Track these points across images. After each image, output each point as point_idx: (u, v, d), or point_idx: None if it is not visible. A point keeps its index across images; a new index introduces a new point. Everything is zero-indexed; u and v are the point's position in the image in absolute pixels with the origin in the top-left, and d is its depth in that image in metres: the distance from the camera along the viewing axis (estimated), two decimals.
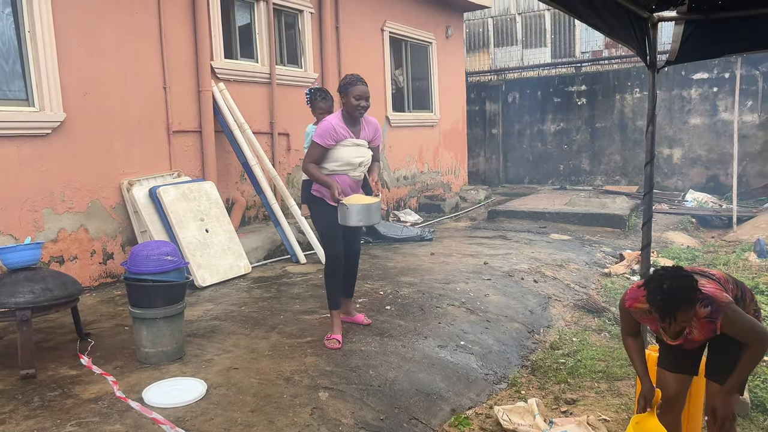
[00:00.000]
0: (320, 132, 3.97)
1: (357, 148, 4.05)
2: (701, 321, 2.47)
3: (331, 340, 4.10)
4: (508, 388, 4.08)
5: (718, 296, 2.48)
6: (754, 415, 3.58)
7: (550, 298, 5.82)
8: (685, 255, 7.57)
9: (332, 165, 4.02)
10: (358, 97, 3.95)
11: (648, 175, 3.51)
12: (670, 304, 2.39)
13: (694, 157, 12.22)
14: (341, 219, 3.87)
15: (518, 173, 14.62)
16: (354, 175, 4.10)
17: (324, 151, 3.99)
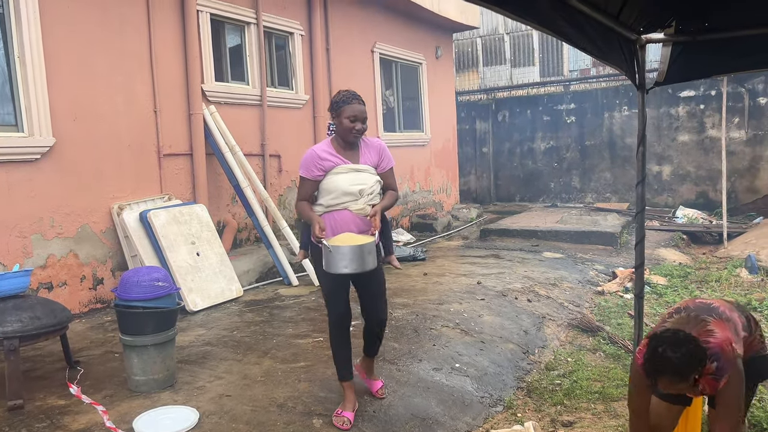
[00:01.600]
0: (304, 163, 3.32)
1: (356, 174, 3.31)
2: (707, 377, 2.36)
3: (340, 417, 3.36)
4: (505, 410, 4.04)
5: (725, 348, 2.36)
6: None
7: (544, 317, 5.80)
8: (677, 272, 7.59)
9: (327, 199, 3.31)
10: (352, 118, 3.26)
11: (640, 195, 3.53)
12: (656, 370, 2.33)
13: (684, 173, 12.31)
14: (325, 264, 3.15)
15: (509, 191, 14.67)
16: (357, 209, 3.30)
17: (312, 184, 3.33)
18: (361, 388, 3.75)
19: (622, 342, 5.09)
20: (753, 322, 2.60)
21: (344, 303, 3.41)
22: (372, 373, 3.77)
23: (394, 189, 3.49)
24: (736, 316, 2.53)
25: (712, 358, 2.34)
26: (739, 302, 2.69)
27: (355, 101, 3.30)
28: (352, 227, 3.28)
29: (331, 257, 3.08)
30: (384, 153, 3.46)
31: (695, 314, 2.52)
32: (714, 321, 2.45)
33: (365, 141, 3.45)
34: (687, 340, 2.31)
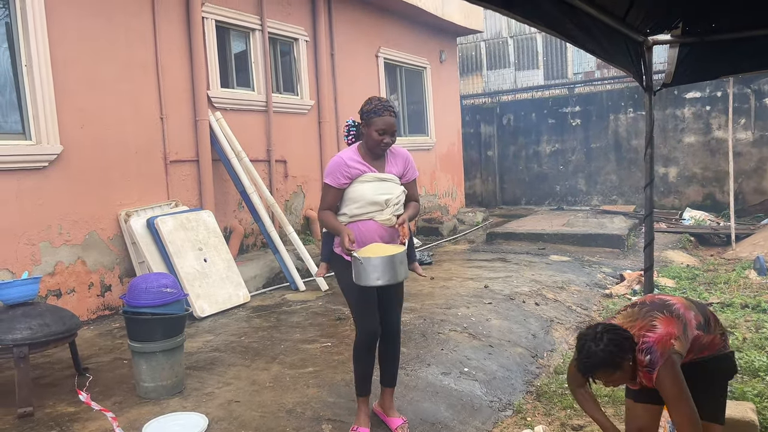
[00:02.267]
0: (330, 170, 3.19)
1: (381, 184, 3.20)
2: (643, 370, 2.42)
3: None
4: (514, 415, 4.02)
5: (662, 342, 2.40)
6: None
7: (552, 321, 5.77)
8: (685, 274, 7.55)
9: (352, 208, 3.19)
10: (381, 131, 3.12)
11: (648, 197, 3.51)
12: (587, 367, 2.41)
13: (690, 175, 12.26)
14: (356, 277, 3.01)
15: (515, 195, 14.65)
16: (382, 219, 3.19)
17: (337, 193, 3.20)
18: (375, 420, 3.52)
19: None
20: (713, 321, 2.60)
21: (376, 319, 3.25)
22: (392, 410, 3.50)
23: (416, 200, 3.41)
24: (692, 315, 2.53)
25: (645, 351, 2.39)
26: (701, 302, 2.68)
27: (386, 113, 3.14)
28: (377, 238, 3.17)
29: (362, 269, 2.95)
30: (410, 163, 3.37)
31: (647, 309, 2.55)
32: (661, 317, 2.48)
33: (391, 150, 3.33)
34: (607, 331, 2.41)
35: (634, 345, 2.41)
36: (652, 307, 2.56)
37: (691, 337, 2.47)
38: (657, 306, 2.56)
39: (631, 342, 2.41)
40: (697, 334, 2.50)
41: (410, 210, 3.31)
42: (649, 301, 2.61)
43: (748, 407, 3.65)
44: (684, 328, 2.46)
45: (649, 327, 2.45)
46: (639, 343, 2.42)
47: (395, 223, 3.19)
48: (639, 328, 2.47)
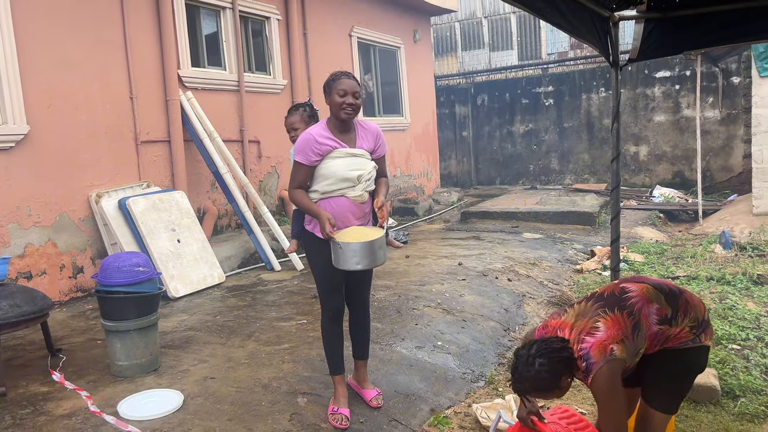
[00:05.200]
0: (299, 147, 3.10)
1: (353, 159, 3.14)
2: (581, 375, 2.36)
3: (336, 414, 3.23)
4: (486, 385, 4.11)
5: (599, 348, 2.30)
6: (725, 402, 3.67)
7: (525, 295, 5.88)
8: (654, 249, 7.73)
9: (323, 185, 3.13)
10: (342, 92, 3.06)
11: (615, 171, 3.59)
12: (519, 389, 2.42)
13: (660, 153, 12.49)
14: (335, 260, 3.01)
15: (489, 175, 14.77)
16: (354, 196, 3.15)
17: (308, 171, 3.12)
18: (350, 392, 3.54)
19: None
20: (683, 312, 2.50)
21: (341, 296, 3.30)
22: (366, 381, 3.55)
23: (385, 176, 3.37)
24: (653, 308, 2.45)
25: (583, 357, 2.31)
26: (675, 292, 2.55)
27: (344, 77, 3.12)
28: (349, 215, 3.15)
29: (342, 254, 2.94)
30: (380, 139, 3.30)
31: (597, 307, 2.45)
32: (608, 318, 2.37)
33: (362, 125, 3.26)
34: (540, 355, 2.33)
35: (572, 361, 2.33)
36: (604, 304, 2.44)
37: (645, 334, 2.39)
38: (610, 302, 2.45)
39: (567, 360, 2.32)
40: (656, 330, 2.43)
41: (384, 188, 3.29)
42: (607, 295, 2.50)
43: (711, 373, 3.80)
44: (634, 328, 2.37)
45: (591, 330, 2.35)
46: (576, 348, 2.34)
47: (374, 203, 3.17)
48: (580, 332, 2.37)
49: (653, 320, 2.42)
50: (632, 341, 2.34)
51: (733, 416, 3.53)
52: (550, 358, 2.31)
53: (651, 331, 2.41)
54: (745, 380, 3.81)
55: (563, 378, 2.34)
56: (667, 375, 2.54)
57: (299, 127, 4.06)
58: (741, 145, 11.42)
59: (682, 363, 2.53)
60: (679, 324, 2.47)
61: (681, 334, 2.48)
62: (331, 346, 3.35)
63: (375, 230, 3.09)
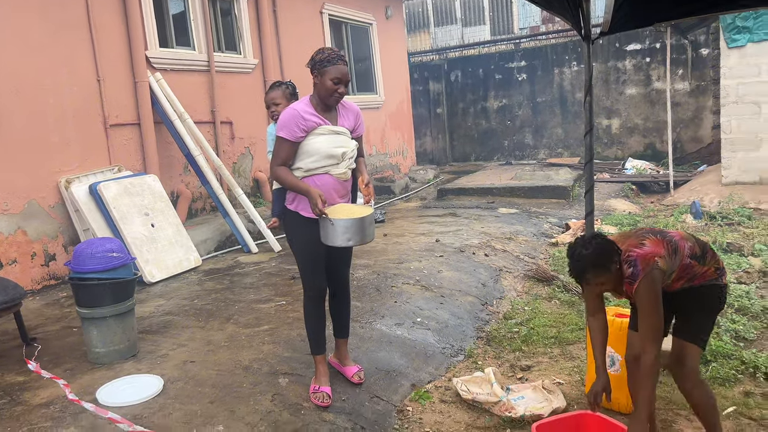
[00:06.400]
0: (284, 122, 3.06)
1: (336, 137, 3.13)
2: (626, 281, 2.60)
3: (318, 393, 3.25)
4: (466, 359, 4.17)
5: (646, 258, 2.56)
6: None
7: (501, 270, 5.95)
8: (627, 220, 7.86)
9: (308, 162, 3.11)
10: (336, 80, 3.04)
11: (588, 144, 3.61)
12: (578, 269, 2.60)
13: (632, 126, 12.63)
14: (324, 237, 3.02)
15: (465, 151, 14.80)
16: (338, 173, 3.16)
17: (293, 147, 3.08)
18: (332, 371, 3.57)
19: (576, 289, 5.27)
20: (710, 255, 2.75)
21: (323, 276, 3.29)
22: (347, 359, 3.58)
23: (363, 155, 3.38)
24: (687, 245, 2.70)
25: (630, 263, 2.57)
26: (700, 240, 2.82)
27: (340, 62, 3.07)
28: (333, 192, 3.14)
29: (333, 231, 2.96)
30: (360, 118, 3.32)
31: (642, 232, 2.75)
32: (652, 239, 2.66)
33: (342, 103, 3.26)
34: (595, 238, 2.62)
35: (620, 254, 2.59)
36: (648, 231, 2.76)
37: (679, 262, 2.64)
38: (653, 232, 2.76)
39: (617, 251, 2.59)
40: (688, 263, 2.66)
41: (364, 166, 3.31)
42: (648, 229, 2.82)
43: None
44: (672, 252, 2.63)
45: (638, 245, 2.62)
46: (625, 256, 2.59)
47: (359, 181, 3.19)
48: (628, 245, 2.64)
49: (687, 253, 2.67)
50: (671, 260, 2.61)
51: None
52: (604, 240, 2.61)
53: (684, 261, 2.65)
54: (716, 345, 3.92)
55: (615, 262, 2.56)
56: (697, 309, 2.74)
57: (281, 102, 3.99)
58: (710, 117, 11.60)
59: (709, 298, 2.75)
60: (707, 263, 2.71)
61: (707, 273, 2.72)
62: (313, 326, 3.35)
63: (363, 207, 3.11)
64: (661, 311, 2.55)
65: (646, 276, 2.52)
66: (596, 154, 12.65)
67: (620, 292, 2.69)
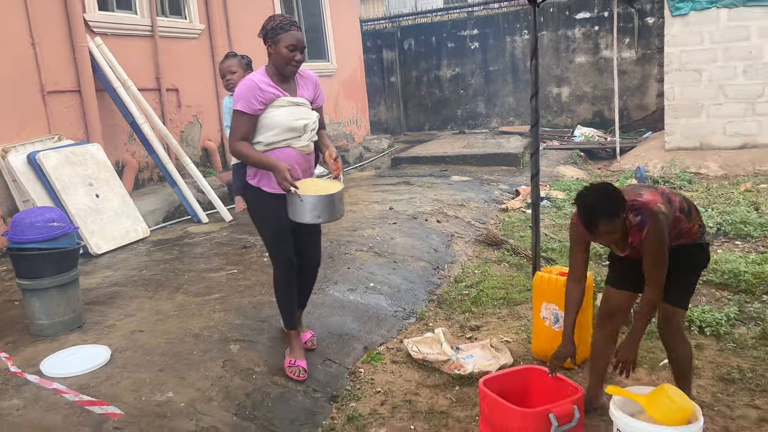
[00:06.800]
0: (241, 94, 2.93)
1: (296, 108, 3.03)
2: (633, 230, 2.62)
3: (294, 367, 3.23)
4: (417, 322, 4.24)
5: (650, 205, 2.62)
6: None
7: (453, 235, 6.03)
8: (574, 186, 8.05)
9: (268, 136, 2.99)
10: (291, 47, 2.91)
11: (534, 107, 3.68)
12: (590, 216, 2.56)
13: (581, 94, 12.85)
14: (292, 214, 2.94)
15: (419, 120, 14.81)
16: (300, 147, 3.06)
17: (252, 120, 2.96)
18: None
19: (524, 252, 5.41)
20: (695, 212, 2.82)
21: (292, 250, 3.19)
22: (301, 324, 3.56)
23: (324, 127, 3.28)
24: (677, 199, 2.78)
25: (636, 212, 2.61)
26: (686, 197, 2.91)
27: (294, 28, 2.95)
28: (296, 166, 3.03)
29: (301, 207, 2.88)
30: (319, 88, 3.21)
31: (635, 186, 2.86)
32: (648, 190, 2.73)
33: (300, 73, 3.13)
34: (604, 185, 2.64)
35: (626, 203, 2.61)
36: (639, 186, 2.87)
37: (672, 214, 2.69)
38: (647, 186, 2.86)
39: (624, 199, 2.60)
40: (679, 216, 2.71)
41: (328, 139, 3.23)
42: (639, 184, 2.92)
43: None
44: (667, 202, 2.69)
45: (638, 195, 2.67)
46: (629, 205, 2.62)
47: (326, 155, 3.10)
48: (629, 197, 2.67)
49: (677, 206, 2.73)
50: (670, 210, 2.68)
51: (645, 335, 3.79)
52: (613, 188, 2.61)
53: (676, 213, 2.71)
54: None
55: (622, 209, 2.56)
56: (684, 271, 2.78)
57: (236, 71, 3.85)
58: (655, 85, 11.90)
59: (695, 258, 2.81)
60: (692, 220, 2.77)
61: (693, 230, 2.78)
62: (287, 302, 3.28)
63: (333, 183, 3.03)
64: (666, 255, 2.61)
65: (654, 222, 2.57)
66: (547, 122, 12.87)
67: (625, 244, 2.68)
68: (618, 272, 2.92)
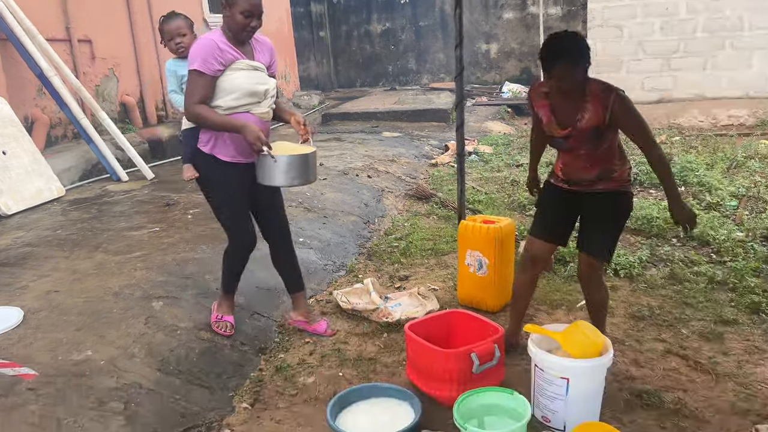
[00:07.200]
0: (199, 53, 2.71)
1: (255, 73, 2.85)
2: (596, 98, 2.57)
3: (221, 322, 3.18)
4: (347, 274, 4.26)
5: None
6: (557, 268, 4.11)
7: (383, 190, 6.05)
8: (501, 141, 8.22)
9: (228, 100, 2.80)
10: (247, 13, 2.72)
11: (458, 57, 3.68)
12: (550, 52, 2.55)
13: (509, 50, 13.00)
14: (262, 177, 2.78)
15: (350, 77, 14.61)
16: (261, 113, 2.89)
17: (210, 82, 2.75)
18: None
19: (452, 205, 5.49)
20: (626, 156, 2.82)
21: (250, 228, 3.06)
22: (310, 314, 3.42)
23: (281, 96, 3.15)
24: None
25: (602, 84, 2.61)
26: None
27: None
28: None
29: (274, 169, 2.70)
30: (274, 54, 3.05)
31: None
32: None
33: (256, 38, 2.96)
34: (573, 32, 2.65)
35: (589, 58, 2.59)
36: None
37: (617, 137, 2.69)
38: None
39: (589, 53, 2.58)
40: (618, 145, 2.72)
41: (288, 106, 3.11)
42: None
43: None
44: None
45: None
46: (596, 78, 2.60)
47: (292, 122, 2.97)
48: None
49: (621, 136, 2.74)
50: None
51: (563, 279, 3.97)
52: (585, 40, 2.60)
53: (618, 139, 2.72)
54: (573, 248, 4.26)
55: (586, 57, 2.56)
56: (607, 221, 2.78)
57: (187, 33, 3.48)
58: None
59: (619, 206, 2.78)
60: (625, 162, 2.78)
61: (623, 174, 2.76)
62: (231, 271, 3.19)
63: (305, 147, 2.91)
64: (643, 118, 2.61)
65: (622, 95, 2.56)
66: (476, 79, 12.99)
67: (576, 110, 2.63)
68: (541, 223, 2.98)
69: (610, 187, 2.75)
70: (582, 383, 2.40)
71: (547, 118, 2.76)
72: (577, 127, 2.64)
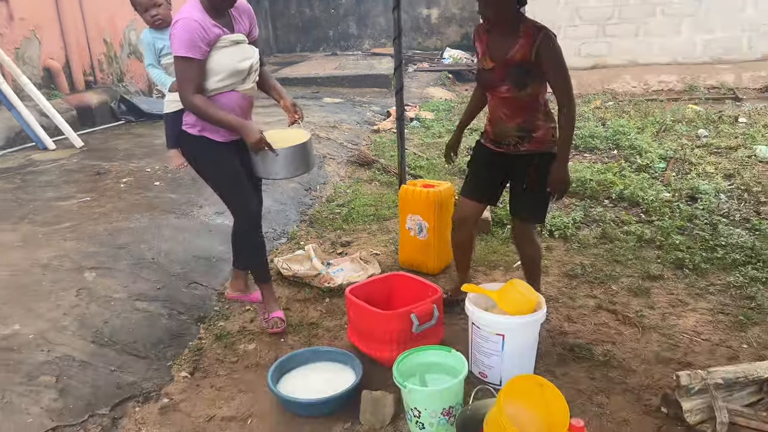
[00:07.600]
0: (185, 38, 2.48)
1: (238, 48, 2.64)
2: (527, 35, 2.58)
3: (272, 320, 3.02)
4: (289, 242, 4.23)
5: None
6: (495, 230, 4.20)
7: (325, 157, 5.99)
8: (443, 107, 8.25)
9: (211, 82, 2.61)
10: None
11: (396, 19, 3.64)
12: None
13: (450, 16, 12.98)
14: (263, 171, 2.71)
15: (289, 41, 14.28)
16: (245, 90, 2.72)
17: (201, 65, 2.55)
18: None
19: (394, 171, 5.49)
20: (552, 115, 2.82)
21: (254, 199, 2.91)
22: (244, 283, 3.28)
23: (264, 64, 2.90)
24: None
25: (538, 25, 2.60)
26: None
27: None
28: (238, 110, 2.69)
29: (276, 162, 2.63)
30: (253, 17, 2.80)
31: None
32: None
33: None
34: None
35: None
36: None
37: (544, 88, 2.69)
38: None
39: None
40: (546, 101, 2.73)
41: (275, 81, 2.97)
42: None
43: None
44: None
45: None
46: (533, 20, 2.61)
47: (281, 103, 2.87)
48: None
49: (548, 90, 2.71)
50: None
51: (501, 240, 4.07)
52: None
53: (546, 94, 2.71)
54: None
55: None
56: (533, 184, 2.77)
57: (162, 3, 3.21)
58: None
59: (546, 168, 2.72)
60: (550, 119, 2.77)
61: (546, 134, 2.75)
62: (255, 256, 3.00)
63: (296, 131, 2.81)
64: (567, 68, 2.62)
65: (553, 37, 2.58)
66: (417, 45, 12.93)
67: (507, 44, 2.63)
68: (471, 183, 3.02)
69: (533, 149, 2.76)
70: (517, 339, 2.48)
71: (482, 52, 2.76)
72: (504, 59, 2.65)
